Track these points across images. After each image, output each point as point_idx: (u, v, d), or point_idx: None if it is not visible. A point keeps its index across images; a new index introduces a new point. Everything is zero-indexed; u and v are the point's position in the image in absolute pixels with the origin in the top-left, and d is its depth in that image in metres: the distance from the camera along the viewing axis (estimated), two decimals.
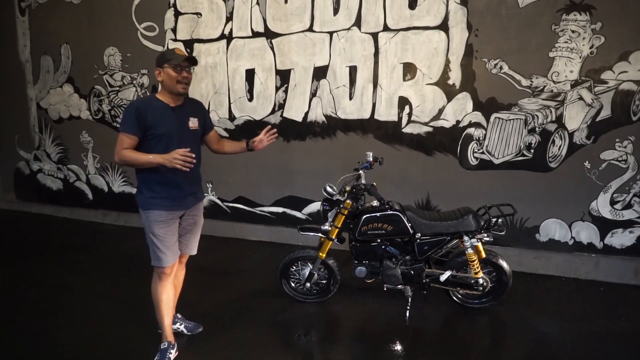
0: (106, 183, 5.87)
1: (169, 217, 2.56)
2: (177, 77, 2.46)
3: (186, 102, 2.63)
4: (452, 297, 3.40)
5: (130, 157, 2.41)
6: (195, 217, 2.78)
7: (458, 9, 4.02)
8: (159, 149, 2.44)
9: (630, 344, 2.96)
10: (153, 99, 2.53)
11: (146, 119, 2.42)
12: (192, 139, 2.62)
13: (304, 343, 3.02)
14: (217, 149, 2.91)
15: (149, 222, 2.54)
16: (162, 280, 2.66)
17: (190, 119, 2.60)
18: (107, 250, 4.87)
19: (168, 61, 2.47)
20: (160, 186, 2.53)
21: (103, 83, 5.55)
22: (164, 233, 2.56)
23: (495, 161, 4.16)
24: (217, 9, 4.81)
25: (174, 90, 2.49)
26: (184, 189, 2.60)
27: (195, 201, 2.72)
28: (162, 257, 2.58)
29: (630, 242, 3.93)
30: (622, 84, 3.72)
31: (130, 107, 2.44)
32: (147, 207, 2.54)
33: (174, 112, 2.53)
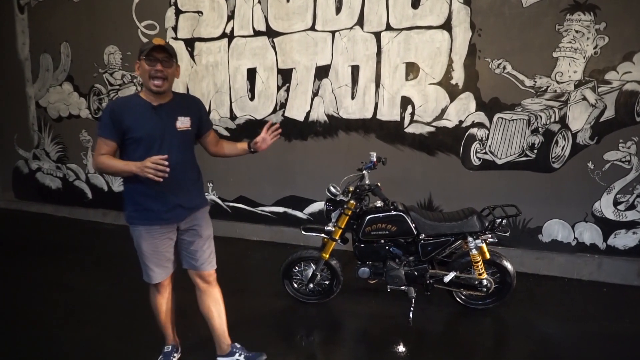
0: (106, 182, 5.83)
1: (157, 232, 2.30)
2: (150, 70, 2.12)
3: (175, 99, 2.31)
4: (456, 298, 3.38)
5: (105, 163, 2.16)
6: (195, 228, 2.43)
7: (461, 9, 3.99)
8: (138, 154, 2.15)
9: (634, 346, 2.95)
10: (133, 97, 2.25)
11: (122, 121, 2.14)
12: (180, 142, 2.28)
13: (306, 344, 3.00)
14: (216, 151, 2.60)
15: (135, 238, 2.33)
16: (159, 292, 2.51)
17: (178, 119, 2.26)
18: (107, 249, 4.84)
19: (141, 53, 2.14)
20: (143, 198, 2.24)
21: (103, 82, 5.52)
22: (151, 250, 2.32)
23: (498, 161, 4.14)
24: (218, 8, 4.78)
25: (147, 86, 2.17)
26: (170, 200, 2.26)
27: (186, 212, 2.36)
28: (151, 274, 2.39)
29: (634, 243, 3.92)
30: (626, 85, 3.71)
31: (106, 108, 2.17)
32: (131, 222, 2.31)
33: (155, 111, 2.20)
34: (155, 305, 2.55)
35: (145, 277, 2.42)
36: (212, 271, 2.54)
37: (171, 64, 2.19)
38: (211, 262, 2.52)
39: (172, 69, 2.21)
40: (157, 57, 2.12)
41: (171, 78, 2.22)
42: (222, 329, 2.60)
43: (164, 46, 2.14)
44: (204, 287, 2.54)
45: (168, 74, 2.17)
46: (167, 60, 2.16)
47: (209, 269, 2.51)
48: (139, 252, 2.34)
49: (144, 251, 2.32)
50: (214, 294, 2.57)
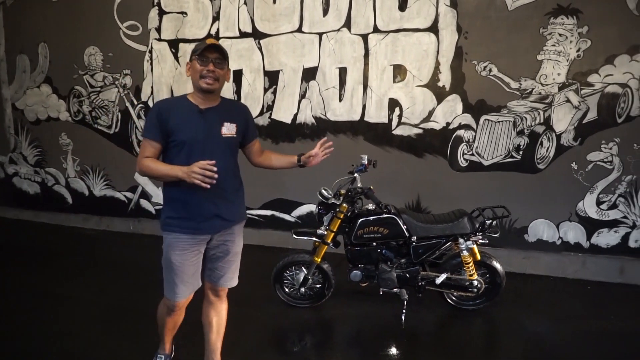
0: (87, 186, 5.68)
1: (188, 242, 2.17)
2: (201, 71, 2.07)
3: (222, 104, 2.23)
4: (447, 300, 3.40)
5: (149, 167, 2.07)
6: (227, 243, 2.29)
7: (448, 12, 4.03)
8: (180, 159, 2.09)
9: (620, 343, 3.02)
10: (181, 99, 2.19)
11: (167, 122, 2.08)
12: (223, 149, 2.18)
13: (299, 349, 2.98)
14: (260, 162, 2.50)
15: (166, 247, 2.19)
16: (171, 313, 2.34)
17: (224, 124, 2.17)
18: (90, 256, 4.71)
19: (194, 52, 2.11)
20: (183, 204, 2.14)
21: (83, 83, 5.37)
22: (181, 262, 2.16)
23: (484, 163, 4.19)
24: (203, 9, 4.71)
25: (198, 85, 2.11)
26: (209, 209, 2.15)
27: (223, 224, 2.23)
28: (176, 290, 2.20)
29: (616, 242, 4.02)
30: (607, 87, 3.80)
31: (153, 109, 2.12)
32: (164, 228, 2.19)
33: (202, 115, 2.13)
34: (164, 320, 2.40)
35: (168, 293, 2.25)
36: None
37: (223, 66, 2.13)
38: (233, 278, 2.41)
39: (224, 70, 2.14)
40: (209, 57, 2.08)
41: (222, 80, 2.15)
42: (216, 346, 2.52)
43: (217, 46, 2.11)
44: (214, 300, 2.45)
45: (219, 75, 2.12)
46: (220, 62, 2.11)
47: (229, 285, 2.41)
48: (167, 263, 2.20)
49: (172, 262, 2.17)
50: (221, 309, 2.49)
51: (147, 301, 3.48)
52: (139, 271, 4.19)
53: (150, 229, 5.37)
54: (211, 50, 2.08)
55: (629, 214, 3.95)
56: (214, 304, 2.45)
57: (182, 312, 2.38)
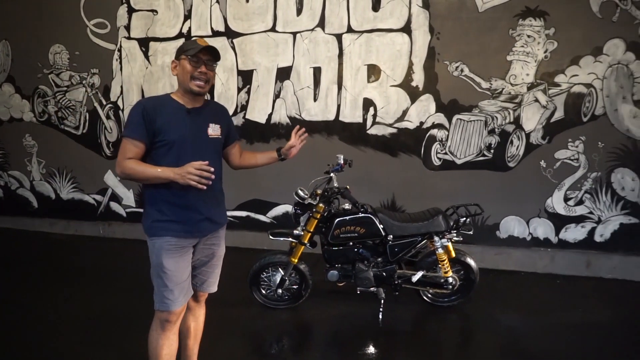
0: (53, 190, 5.49)
1: (180, 246, 2.07)
2: (193, 72, 2.02)
3: (207, 105, 2.19)
4: (423, 297, 3.45)
5: (135, 169, 1.95)
6: (212, 247, 2.24)
7: (420, 12, 4.08)
8: (169, 160, 1.99)
9: (587, 333, 3.12)
10: (166, 98, 2.11)
11: (155, 121, 1.98)
12: (211, 150, 2.15)
13: (276, 351, 2.95)
14: (240, 163, 2.45)
15: (156, 252, 2.05)
16: (165, 329, 2.12)
17: (210, 125, 2.14)
18: (58, 262, 4.54)
19: (185, 52, 2.04)
20: (171, 207, 2.04)
21: (48, 83, 5.18)
22: (174, 266, 2.05)
23: (457, 161, 4.27)
24: (174, 7, 4.62)
25: (188, 87, 2.04)
26: (200, 211, 2.08)
27: (212, 227, 2.17)
28: (170, 297, 2.05)
29: (582, 236, 4.16)
30: (573, 87, 3.93)
31: (137, 106, 2.00)
32: (153, 233, 2.06)
33: (189, 115, 2.08)
34: (157, 347, 2.13)
35: (159, 304, 2.08)
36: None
37: (213, 68, 2.11)
38: (215, 283, 2.35)
39: (214, 73, 2.14)
40: (202, 59, 2.04)
41: (211, 82, 2.12)
42: (193, 351, 2.45)
43: (212, 48, 2.06)
44: (194, 305, 2.35)
45: (210, 77, 2.08)
46: (211, 64, 2.08)
47: (211, 290, 2.34)
48: (159, 271, 2.05)
49: (165, 269, 2.03)
50: (199, 314, 2.40)
51: (119, 308, 3.41)
52: (110, 277, 4.07)
53: (122, 233, 5.23)
54: (204, 52, 2.04)
55: (594, 210, 4.09)
56: (193, 309, 2.37)
57: (176, 332, 2.18)
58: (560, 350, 2.91)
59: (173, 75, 2.10)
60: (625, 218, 4.05)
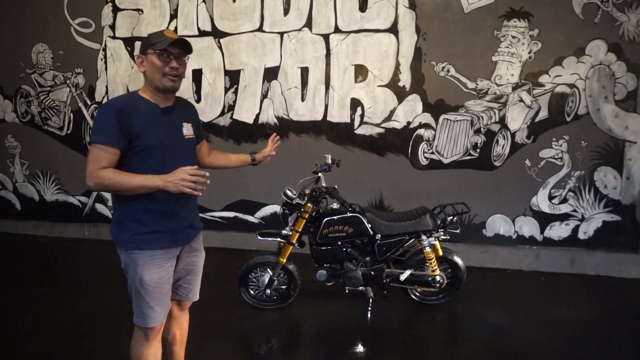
0: (37, 191, 5.39)
1: (164, 258, 1.93)
2: (163, 68, 1.85)
3: (177, 103, 2.04)
4: (411, 295, 3.47)
5: (115, 180, 1.76)
6: (197, 253, 2.14)
7: (407, 13, 4.11)
8: (148, 165, 1.83)
9: (572, 329, 3.18)
10: (137, 97, 1.92)
11: (131, 123, 1.80)
12: (189, 151, 2.04)
13: (266, 352, 2.95)
14: (210, 162, 2.34)
15: (136, 267, 1.89)
16: (149, 339, 2.00)
17: (184, 125, 2.00)
18: (42, 264, 4.47)
19: (152, 45, 1.85)
20: (154, 216, 1.89)
21: (31, 83, 5.09)
22: (157, 281, 1.91)
23: (444, 161, 4.31)
24: (160, 6, 4.58)
25: (159, 85, 1.87)
26: (184, 218, 1.97)
27: (194, 233, 2.08)
28: (150, 314, 1.93)
29: (567, 234, 4.23)
30: (557, 87, 4.00)
31: (108, 108, 1.81)
32: (135, 247, 1.88)
33: (164, 115, 1.92)
34: (140, 357, 2.04)
35: (138, 320, 1.96)
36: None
37: (184, 62, 1.93)
38: (198, 290, 2.25)
39: (184, 67, 1.94)
40: (172, 53, 1.86)
41: (183, 76, 1.95)
42: (179, 355, 2.38)
43: (182, 40, 1.88)
44: (179, 314, 2.26)
45: (182, 73, 1.92)
46: (182, 57, 1.91)
47: (195, 298, 2.24)
48: (139, 286, 1.91)
49: (146, 285, 1.89)
50: (183, 321, 2.31)
51: (105, 312, 3.36)
52: (96, 279, 4.02)
53: (107, 235, 5.09)
54: (174, 45, 1.86)
55: (578, 208, 4.17)
56: (178, 318, 2.28)
57: (160, 340, 2.09)
58: (546, 346, 2.96)
59: (140, 72, 1.93)
60: (608, 216, 4.13)
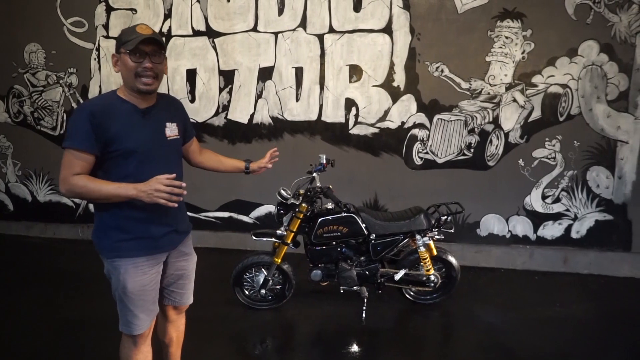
0: (29, 192, 5.35)
1: (147, 265, 1.87)
2: (136, 68, 1.72)
3: (160, 102, 1.92)
4: (405, 295, 3.48)
5: (87, 187, 1.68)
6: (186, 257, 2.08)
7: (401, 13, 4.12)
8: (127, 170, 1.75)
9: (565, 328, 3.21)
10: (114, 98, 1.81)
11: (108, 128, 1.70)
12: (173, 153, 1.93)
13: (260, 352, 2.95)
14: (201, 162, 2.26)
15: (119, 275, 1.83)
16: (137, 344, 1.96)
17: (167, 125, 1.88)
18: (35, 265, 4.44)
19: (123, 44, 1.72)
20: (135, 223, 1.81)
21: (24, 82, 5.05)
22: (140, 288, 1.85)
23: (438, 160, 4.32)
24: (153, 6, 4.56)
25: (134, 86, 1.76)
26: (167, 224, 1.89)
27: (180, 238, 2.01)
28: (135, 322, 1.89)
29: (560, 233, 4.26)
30: (550, 87, 4.03)
31: (82, 112, 1.70)
32: (117, 255, 1.83)
33: (144, 117, 1.80)
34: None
35: (124, 327, 1.92)
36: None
37: (161, 59, 1.79)
38: (192, 293, 2.20)
39: (163, 64, 1.81)
40: (144, 51, 1.72)
41: (161, 76, 1.82)
42: (175, 355, 2.38)
43: (153, 38, 1.73)
44: (175, 318, 2.22)
45: (159, 72, 1.79)
46: (157, 54, 1.77)
47: (189, 302, 2.20)
48: (122, 294, 1.86)
49: (128, 292, 1.83)
50: (180, 324, 2.28)
51: (99, 313, 3.34)
52: (90, 280, 3.99)
53: None
54: (146, 43, 1.73)
55: (570, 207, 4.20)
56: (175, 322, 2.24)
57: (149, 344, 2.05)
58: (539, 344, 2.98)
59: (115, 72, 1.81)
60: (600, 215, 4.17)
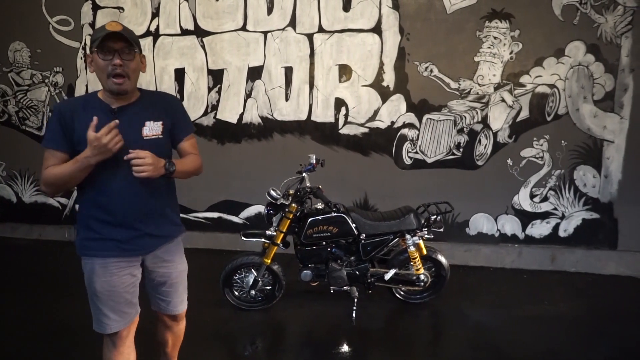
0: (14, 193, 5.26)
1: (116, 265, 1.83)
2: (106, 67, 1.68)
3: (142, 99, 1.87)
4: (395, 295, 3.49)
5: (52, 174, 1.71)
6: (167, 264, 1.98)
7: (390, 13, 4.13)
8: (94, 171, 1.72)
9: (553, 325, 3.24)
10: (89, 98, 1.83)
11: (72, 127, 1.72)
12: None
13: (250, 353, 2.93)
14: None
15: (86, 273, 1.86)
16: (116, 345, 1.92)
17: (145, 124, 1.81)
18: (20, 267, 4.36)
19: (93, 42, 1.69)
20: (101, 224, 1.80)
21: (8, 81, 4.96)
22: (109, 289, 1.82)
23: (428, 160, 4.34)
24: (141, 4, 4.50)
25: (105, 85, 1.75)
26: (135, 227, 1.83)
27: (155, 242, 1.91)
28: (106, 321, 1.86)
29: (547, 232, 4.31)
30: (537, 87, 4.07)
31: (53, 112, 1.76)
32: (83, 252, 1.85)
33: (114, 116, 1.74)
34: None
35: (96, 325, 1.90)
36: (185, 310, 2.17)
37: (133, 55, 1.74)
38: (184, 301, 2.13)
39: (136, 61, 1.76)
40: (113, 48, 1.68)
41: (135, 74, 1.78)
42: (172, 355, 2.36)
43: (120, 33, 1.67)
44: (171, 324, 2.18)
45: (130, 70, 1.73)
46: (127, 51, 1.72)
47: (180, 310, 2.12)
48: (90, 292, 1.86)
49: (97, 291, 1.83)
50: (177, 329, 2.24)
51: (87, 316, 3.28)
52: (76, 283, 3.89)
53: None
54: (114, 39, 1.67)
55: (558, 206, 4.24)
56: (171, 327, 2.20)
57: (127, 346, 1.97)
58: (527, 342, 3.00)
59: (90, 72, 1.80)
60: (587, 213, 4.22)
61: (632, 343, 3.02)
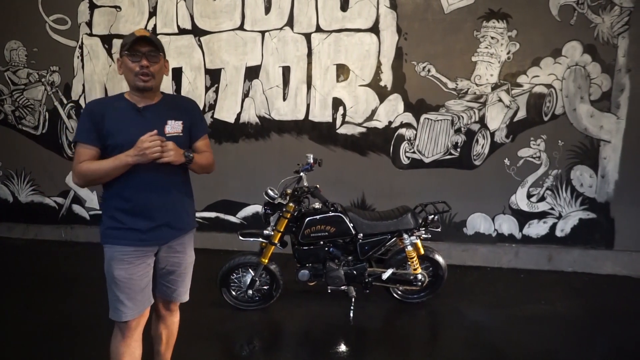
0: (11, 192, 5.24)
1: (134, 255, 1.95)
2: (135, 68, 1.88)
3: (165, 100, 2.05)
4: (393, 294, 3.49)
5: (90, 168, 1.85)
6: (178, 255, 2.11)
7: (388, 13, 4.13)
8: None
9: (550, 325, 3.24)
10: (117, 98, 2.00)
11: (103, 124, 1.88)
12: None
13: (248, 353, 2.92)
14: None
15: (108, 261, 1.96)
16: (125, 336, 2.02)
17: (168, 123, 1.97)
18: (16, 267, 4.35)
19: (123, 48, 1.90)
20: (123, 215, 1.93)
21: (5, 81, 4.94)
22: (127, 276, 1.94)
23: (425, 160, 4.34)
24: (138, 3, 4.50)
25: (132, 84, 1.93)
26: (154, 218, 1.96)
27: (173, 234, 2.04)
28: (122, 309, 1.96)
29: (544, 232, 4.32)
30: (535, 87, 4.08)
31: (85, 110, 1.92)
32: (106, 241, 1.97)
33: (140, 114, 1.94)
34: (118, 354, 2.04)
35: (112, 314, 2.00)
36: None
37: (158, 59, 1.93)
38: (186, 292, 2.23)
39: (160, 64, 1.95)
40: (141, 51, 1.87)
41: (159, 75, 1.96)
42: (165, 357, 2.37)
43: (148, 38, 1.89)
44: (165, 313, 2.26)
45: (155, 71, 1.92)
46: (153, 54, 1.91)
47: (182, 300, 2.23)
48: (109, 280, 1.97)
49: (116, 279, 1.94)
50: (171, 322, 2.30)
51: (84, 316, 3.29)
52: (73, 282, 3.93)
53: (85, 236, 5.06)
54: (142, 44, 1.88)
55: (555, 206, 4.25)
56: (165, 318, 2.27)
57: (138, 339, 2.08)
58: (525, 342, 3.01)
59: (119, 75, 1.98)
60: (584, 213, 4.23)
61: (629, 342, 3.03)
